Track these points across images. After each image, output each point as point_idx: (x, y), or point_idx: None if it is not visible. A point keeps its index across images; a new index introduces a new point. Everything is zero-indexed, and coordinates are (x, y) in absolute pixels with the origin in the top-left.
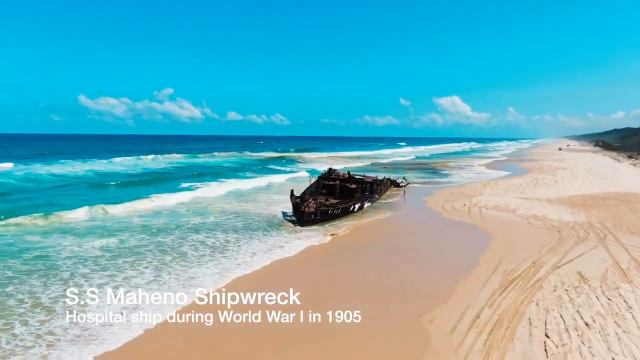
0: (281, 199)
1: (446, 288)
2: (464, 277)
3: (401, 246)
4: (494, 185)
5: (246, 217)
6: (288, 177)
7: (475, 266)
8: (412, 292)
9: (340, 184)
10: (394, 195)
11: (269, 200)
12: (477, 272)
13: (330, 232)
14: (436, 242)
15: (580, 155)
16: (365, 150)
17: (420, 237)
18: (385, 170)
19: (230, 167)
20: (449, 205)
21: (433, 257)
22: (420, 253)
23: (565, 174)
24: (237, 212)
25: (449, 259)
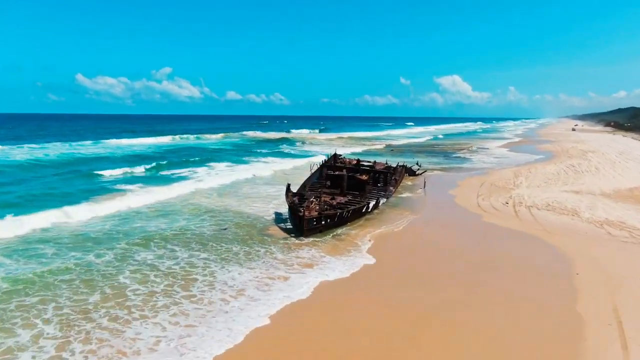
0: (278, 194)
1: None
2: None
3: (452, 279)
4: (526, 173)
5: (227, 219)
6: (292, 165)
7: (580, 329)
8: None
9: (348, 175)
10: (409, 187)
11: (262, 194)
12: (592, 348)
13: (343, 247)
14: (493, 271)
15: (598, 136)
16: (373, 130)
17: (467, 260)
18: (393, 153)
19: (232, 149)
20: (486, 202)
21: (504, 307)
22: (483, 297)
23: (600, 159)
24: (216, 210)
25: (530, 314)
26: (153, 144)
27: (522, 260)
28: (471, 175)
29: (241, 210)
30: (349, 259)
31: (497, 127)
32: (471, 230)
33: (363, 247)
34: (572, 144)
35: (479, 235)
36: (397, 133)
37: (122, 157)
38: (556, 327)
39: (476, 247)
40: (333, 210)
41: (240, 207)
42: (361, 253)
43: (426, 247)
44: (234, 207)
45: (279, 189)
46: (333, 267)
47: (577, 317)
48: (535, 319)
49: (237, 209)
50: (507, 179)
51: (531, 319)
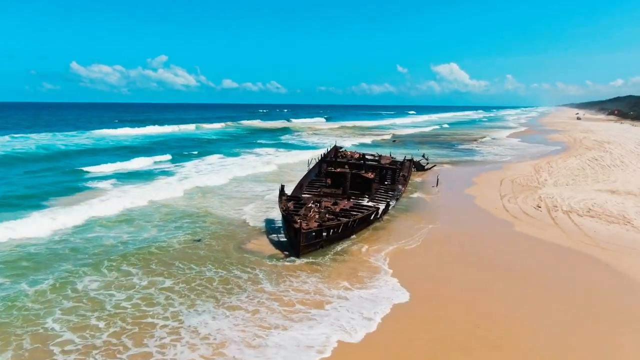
0: (276, 194)
1: None
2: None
3: (507, 319)
4: (547, 167)
5: (205, 227)
6: (298, 159)
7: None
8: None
9: (352, 173)
10: (419, 184)
11: (258, 193)
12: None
13: (353, 272)
14: (564, 311)
15: (606, 126)
16: (376, 119)
17: (518, 291)
18: (396, 144)
19: (231, 140)
20: (513, 205)
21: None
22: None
23: (621, 151)
24: (196, 215)
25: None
26: (147, 135)
27: (585, 292)
28: (486, 170)
29: (225, 216)
30: (369, 292)
31: (499, 115)
32: (505, 244)
33: (382, 273)
34: (582, 133)
35: (518, 253)
36: (401, 122)
37: (108, 149)
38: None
39: (521, 270)
40: (336, 218)
41: (225, 211)
42: (384, 282)
43: (461, 273)
44: (218, 211)
45: (277, 188)
46: (351, 309)
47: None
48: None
49: (221, 214)
50: (527, 174)
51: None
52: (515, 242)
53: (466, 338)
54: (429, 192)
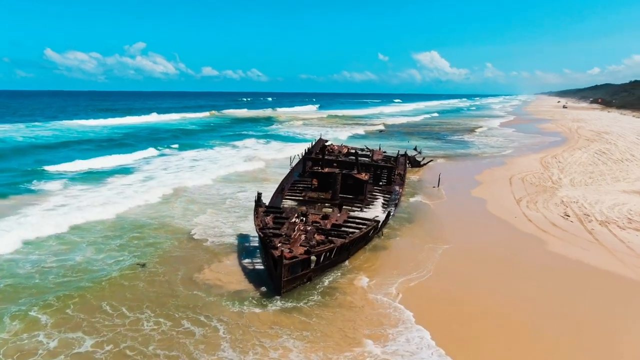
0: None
1: None
2: None
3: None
4: (554, 162)
5: (154, 246)
6: (288, 154)
7: None
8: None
9: (343, 173)
10: (416, 184)
11: (238, 198)
12: None
13: (356, 325)
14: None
15: (593, 114)
16: (362, 108)
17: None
18: (382, 135)
19: (214, 132)
20: (535, 212)
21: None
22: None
23: (626, 144)
24: (148, 226)
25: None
26: (123, 125)
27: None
28: (488, 166)
29: (185, 228)
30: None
31: (483, 104)
32: (546, 276)
33: (405, 327)
34: (575, 123)
35: (565, 290)
36: (389, 110)
37: (73, 143)
38: None
39: (578, 315)
40: (327, 238)
41: (187, 222)
42: (415, 348)
43: (505, 320)
44: (178, 222)
45: (262, 190)
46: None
47: None
48: None
49: (181, 225)
50: (536, 171)
51: None
52: (556, 271)
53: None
54: (430, 194)
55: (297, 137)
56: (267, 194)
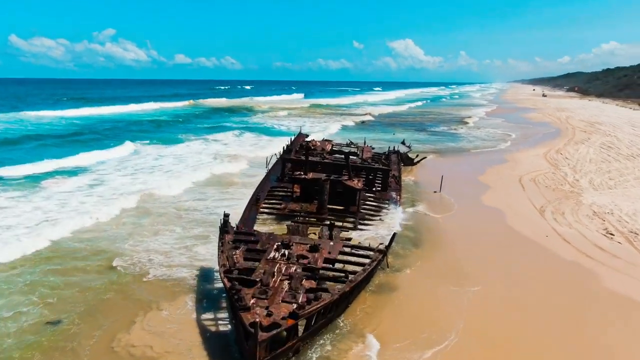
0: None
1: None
2: None
3: None
4: (560, 158)
5: (76, 292)
6: (276, 151)
7: None
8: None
9: (332, 180)
10: (413, 188)
11: (212, 212)
12: None
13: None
14: None
15: (574, 103)
16: (342, 96)
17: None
18: (364, 126)
19: (186, 122)
20: (567, 228)
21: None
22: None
23: (625, 136)
24: (75, 257)
25: None
26: (91, 116)
27: None
28: (490, 164)
29: (127, 257)
30: None
31: (461, 92)
32: (612, 326)
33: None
34: (561, 112)
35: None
36: (373, 99)
37: (24, 139)
38: None
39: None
40: (321, 288)
41: (131, 248)
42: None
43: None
44: (121, 249)
45: (239, 198)
46: None
47: None
48: None
49: (123, 253)
50: (546, 170)
51: None
52: (630, 323)
53: None
54: (433, 202)
55: (282, 130)
56: (243, 203)
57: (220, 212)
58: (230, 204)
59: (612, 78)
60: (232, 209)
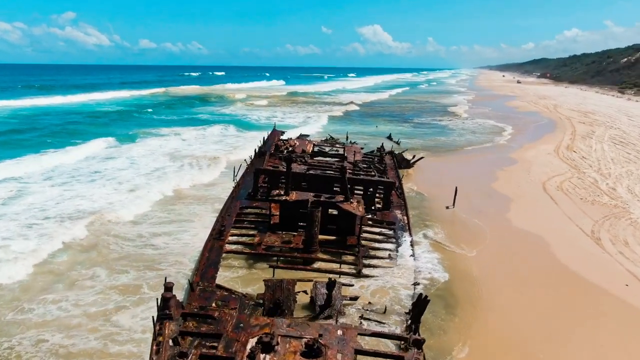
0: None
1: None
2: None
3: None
4: (576, 158)
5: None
6: (248, 150)
7: None
8: None
9: (324, 202)
10: (417, 202)
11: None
12: None
13: None
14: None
15: (555, 90)
16: (315, 82)
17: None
18: (342, 118)
19: (151, 113)
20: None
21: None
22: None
23: (628, 127)
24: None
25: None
26: (48, 106)
27: None
28: (499, 166)
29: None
30: None
31: (435, 78)
32: None
33: None
34: (543, 100)
35: None
36: (351, 86)
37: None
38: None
39: None
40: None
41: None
42: None
43: None
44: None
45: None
46: None
47: None
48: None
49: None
50: (568, 175)
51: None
52: None
53: None
54: (451, 226)
55: (267, 124)
56: (201, 233)
57: (167, 246)
58: (182, 231)
59: (580, 65)
60: (183, 243)
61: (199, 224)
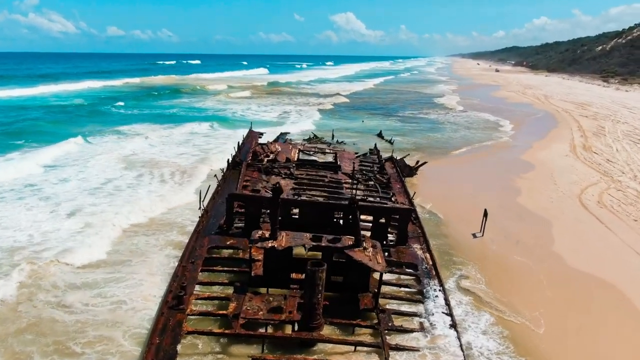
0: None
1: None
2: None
3: None
4: (602, 162)
5: None
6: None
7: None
8: None
9: (326, 248)
10: (433, 228)
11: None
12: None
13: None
14: None
15: (538, 79)
16: (293, 71)
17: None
18: (322, 111)
19: (135, 107)
20: None
21: None
22: None
23: (635, 122)
24: None
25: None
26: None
27: None
28: (515, 173)
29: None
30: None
31: (412, 67)
32: None
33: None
34: (529, 90)
35: None
36: (332, 75)
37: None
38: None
39: None
40: None
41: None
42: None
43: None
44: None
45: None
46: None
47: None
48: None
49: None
50: (603, 185)
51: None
52: None
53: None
54: (485, 264)
55: (255, 121)
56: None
57: (88, 308)
58: (116, 281)
59: (554, 53)
60: (115, 303)
61: (143, 268)
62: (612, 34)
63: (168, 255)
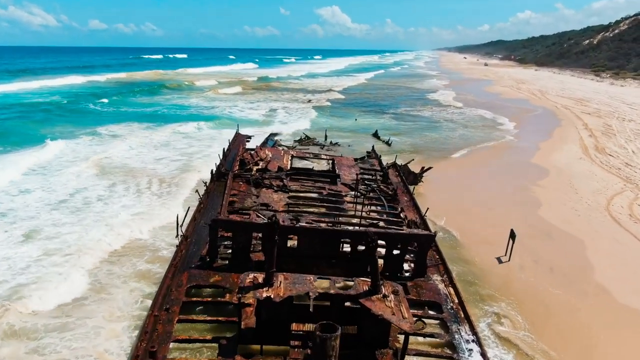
0: None
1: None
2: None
3: None
4: (621, 166)
5: None
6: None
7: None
8: None
9: (337, 296)
10: (446, 243)
11: None
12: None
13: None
14: None
15: (529, 74)
16: (282, 66)
17: None
18: (314, 106)
19: (123, 104)
20: None
21: None
22: None
23: (631, 116)
24: None
25: None
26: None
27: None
28: (531, 181)
29: None
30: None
31: (401, 61)
32: None
33: None
34: (523, 85)
35: None
36: (321, 69)
37: None
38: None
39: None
40: None
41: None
42: None
43: None
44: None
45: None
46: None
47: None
48: None
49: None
50: (628, 194)
51: None
52: None
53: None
54: (518, 299)
55: (248, 118)
56: None
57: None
58: (72, 332)
59: (540, 47)
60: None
61: (100, 310)
62: (598, 28)
63: (133, 290)
